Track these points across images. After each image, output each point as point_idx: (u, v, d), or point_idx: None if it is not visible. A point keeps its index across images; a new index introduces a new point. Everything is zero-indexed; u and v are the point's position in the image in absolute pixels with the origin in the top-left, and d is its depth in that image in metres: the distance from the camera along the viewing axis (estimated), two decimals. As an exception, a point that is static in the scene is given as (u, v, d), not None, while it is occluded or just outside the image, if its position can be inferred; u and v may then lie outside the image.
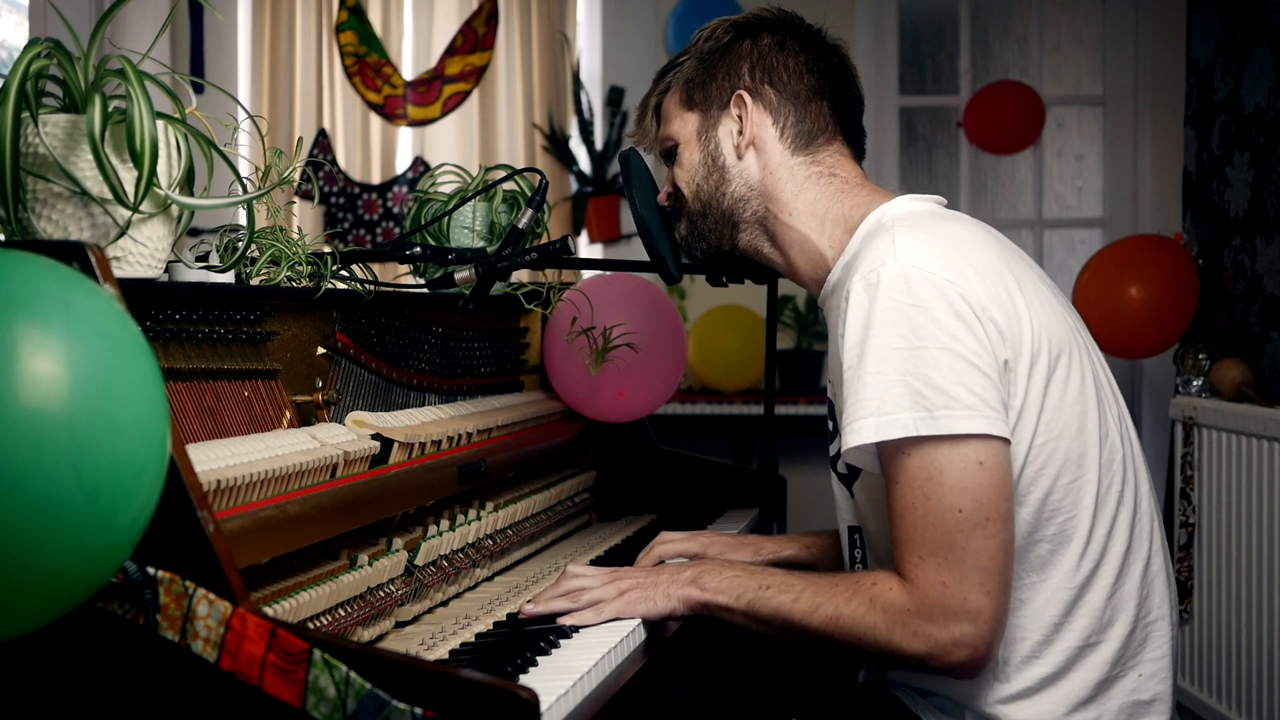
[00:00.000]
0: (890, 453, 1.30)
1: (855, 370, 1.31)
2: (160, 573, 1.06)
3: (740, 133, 1.53)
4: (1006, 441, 1.29)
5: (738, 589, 1.41)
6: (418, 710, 0.99)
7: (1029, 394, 1.33)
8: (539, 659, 1.30)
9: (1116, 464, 1.40)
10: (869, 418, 1.29)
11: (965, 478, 1.26)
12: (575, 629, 1.42)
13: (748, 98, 1.52)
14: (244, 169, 1.44)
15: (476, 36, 4.41)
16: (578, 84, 4.38)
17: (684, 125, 1.58)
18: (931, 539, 1.27)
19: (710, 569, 1.45)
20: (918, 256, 1.32)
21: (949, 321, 1.29)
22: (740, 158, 1.53)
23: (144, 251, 1.25)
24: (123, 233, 1.21)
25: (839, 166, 1.53)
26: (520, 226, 1.73)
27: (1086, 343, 1.46)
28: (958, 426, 1.26)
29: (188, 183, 1.32)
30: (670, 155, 1.61)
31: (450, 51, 4.42)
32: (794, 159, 1.52)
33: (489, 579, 1.79)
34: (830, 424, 1.52)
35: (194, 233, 1.92)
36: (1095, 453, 1.37)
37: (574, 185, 4.42)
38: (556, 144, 4.38)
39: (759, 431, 3.76)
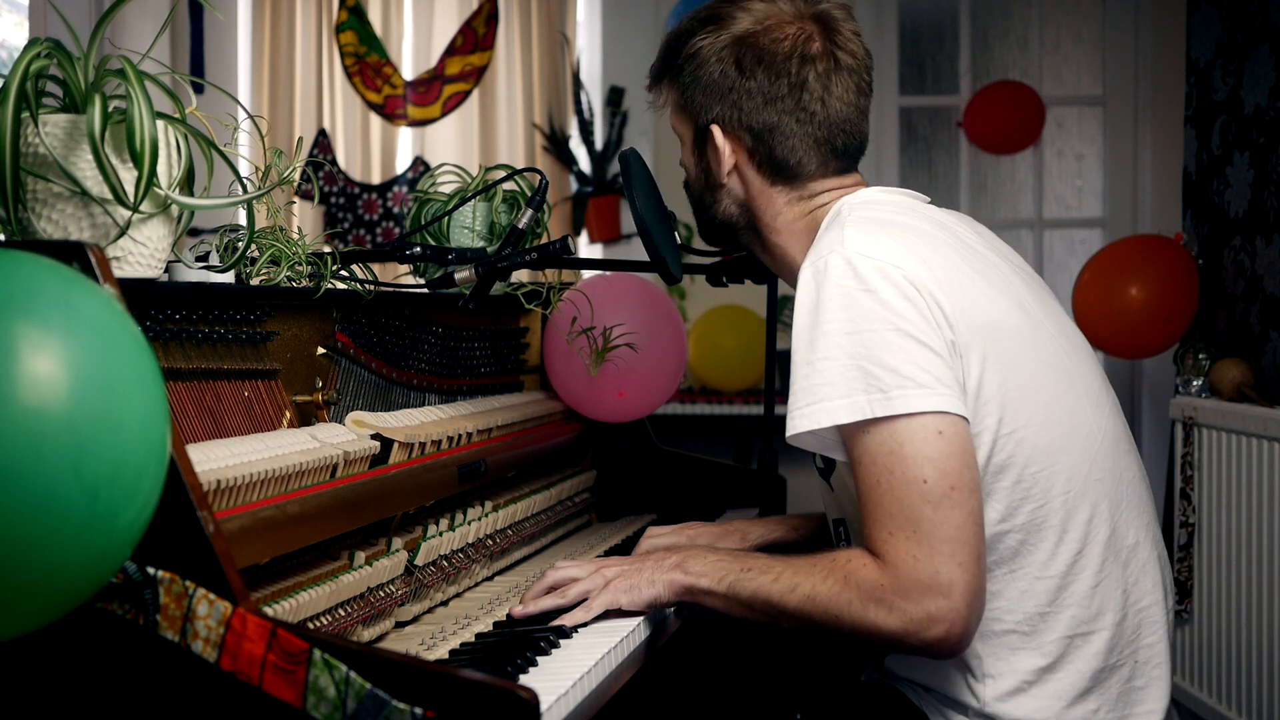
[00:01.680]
0: (851, 434, 1.32)
1: (805, 356, 1.33)
2: (160, 573, 1.06)
3: (719, 162, 1.53)
4: (964, 418, 1.30)
5: (720, 572, 1.41)
6: (418, 710, 0.99)
7: (983, 381, 1.33)
8: (539, 659, 1.30)
9: (1095, 451, 1.40)
10: (820, 403, 1.31)
11: (926, 447, 1.27)
12: (575, 628, 1.42)
13: (718, 133, 1.51)
14: (244, 169, 1.44)
15: (476, 36, 4.41)
16: (578, 84, 4.38)
17: (681, 125, 1.58)
18: (899, 512, 1.27)
19: (695, 554, 1.46)
20: (862, 244, 1.34)
21: (897, 302, 1.30)
22: (726, 180, 1.54)
23: (144, 251, 1.25)
24: (123, 233, 1.21)
25: (823, 184, 1.52)
26: (520, 226, 1.73)
27: (1062, 330, 1.46)
28: (913, 405, 1.27)
29: (188, 183, 1.32)
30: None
31: (450, 51, 4.42)
32: (772, 189, 1.53)
33: (489, 579, 1.79)
34: None
35: (194, 233, 1.93)
36: (1067, 442, 1.37)
37: (574, 185, 4.42)
38: (556, 144, 4.38)
39: (759, 431, 3.76)
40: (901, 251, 1.34)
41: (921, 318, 1.30)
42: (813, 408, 1.31)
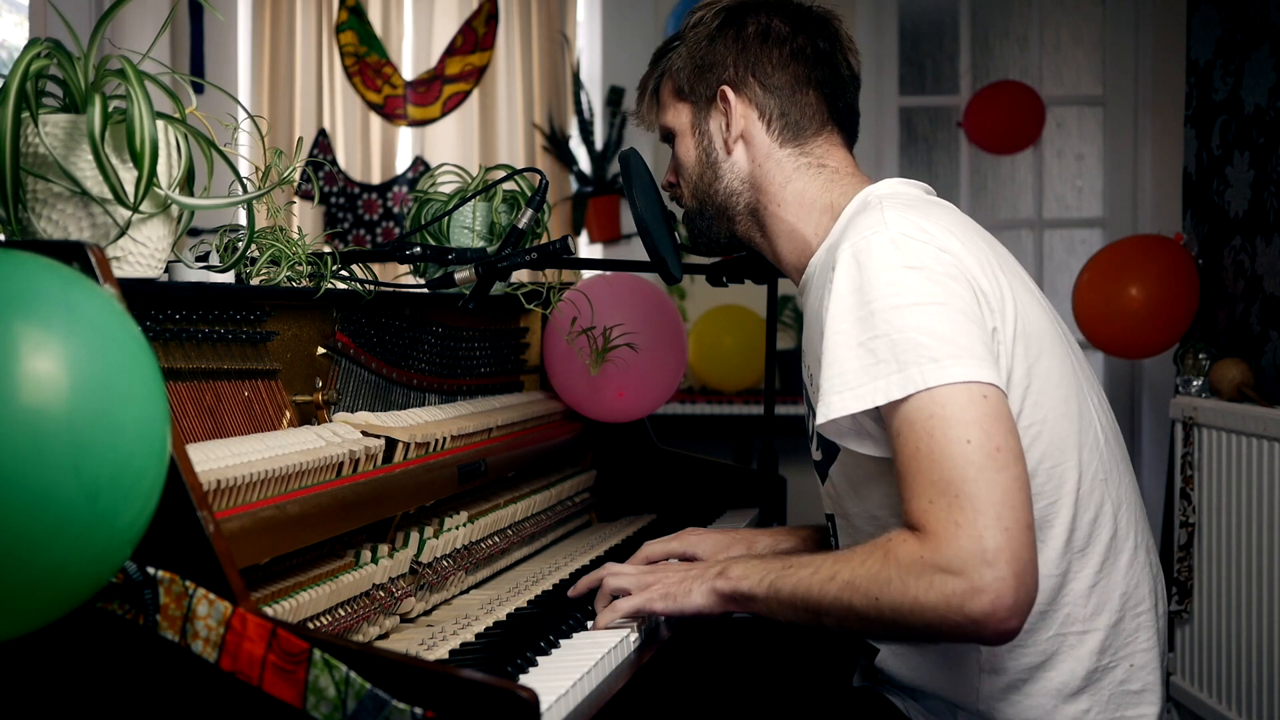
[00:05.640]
0: (891, 409, 1.27)
1: (852, 336, 1.29)
2: (160, 573, 1.06)
3: (728, 127, 1.53)
4: (1005, 394, 1.27)
5: (761, 572, 1.35)
6: (418, 710, 0.99)
7: (1014, 369, 1.32)
8: (539, 659, 1.30)
9: (1100, 453, 1.39)
10: (863, 385, 1.27)
11: (970, 408, 1.22)
12: (575, 630, 1.42)
13: (730, 93, 1.52)
14: (244, 169, 1.44)
15: (476, 36, 4.41)
16: (578, 84, 4.38)
17: (677, 116, 1.58)
18: (940, 478, 1.20)
19: (737, 560, 1.41)
20: (905, 226, 1.33)
21: (944, 279, 1.28)
22: (729, 152, 1.53)
23: (144, 251, 1.25)
24: (123, 233, 1.21)
25: (828, 156, 1.53)
26: (520, 226, 1.73)
27: (1065, 334, 1.46)
28: (958, 375, 1.23)
29: (188, 183, 1.32)
30: (670, 141, 1.61)
31: (450, 51, 4.42)
32: (782, 151, 1.52)
33: (489, 579, 1.79)
34: (809, 406, 1.51)
35: (194, 233, 1.92)
36: (1077, 440, 1.36)
37: (574, 185, 4.42)
38: (556, 144, 4.38)
39: (759, 431, 3.76)
40: (944, 234, 1.33)
41: (969, 294, 1.29)
42: (854, 391, 1.27)
